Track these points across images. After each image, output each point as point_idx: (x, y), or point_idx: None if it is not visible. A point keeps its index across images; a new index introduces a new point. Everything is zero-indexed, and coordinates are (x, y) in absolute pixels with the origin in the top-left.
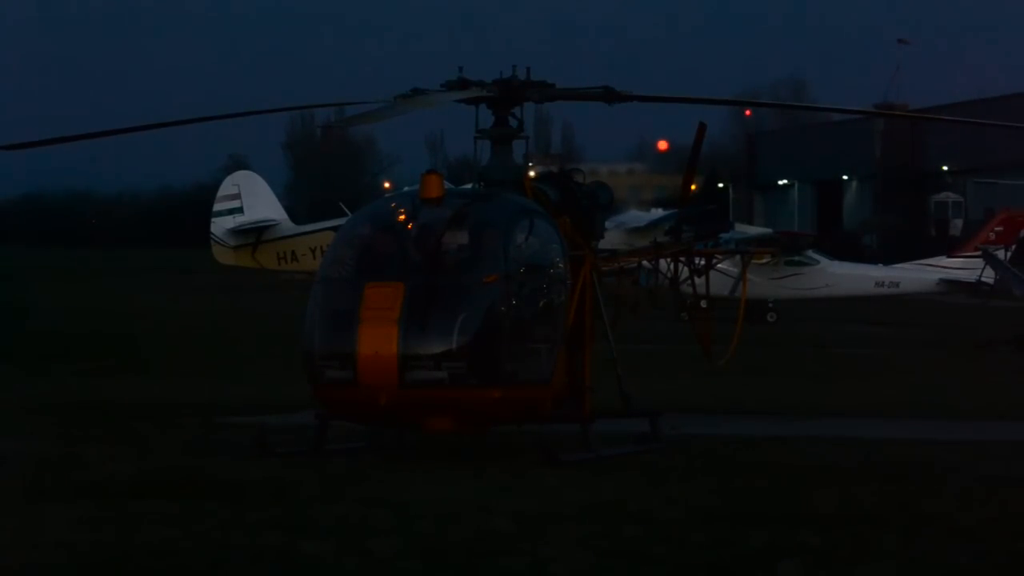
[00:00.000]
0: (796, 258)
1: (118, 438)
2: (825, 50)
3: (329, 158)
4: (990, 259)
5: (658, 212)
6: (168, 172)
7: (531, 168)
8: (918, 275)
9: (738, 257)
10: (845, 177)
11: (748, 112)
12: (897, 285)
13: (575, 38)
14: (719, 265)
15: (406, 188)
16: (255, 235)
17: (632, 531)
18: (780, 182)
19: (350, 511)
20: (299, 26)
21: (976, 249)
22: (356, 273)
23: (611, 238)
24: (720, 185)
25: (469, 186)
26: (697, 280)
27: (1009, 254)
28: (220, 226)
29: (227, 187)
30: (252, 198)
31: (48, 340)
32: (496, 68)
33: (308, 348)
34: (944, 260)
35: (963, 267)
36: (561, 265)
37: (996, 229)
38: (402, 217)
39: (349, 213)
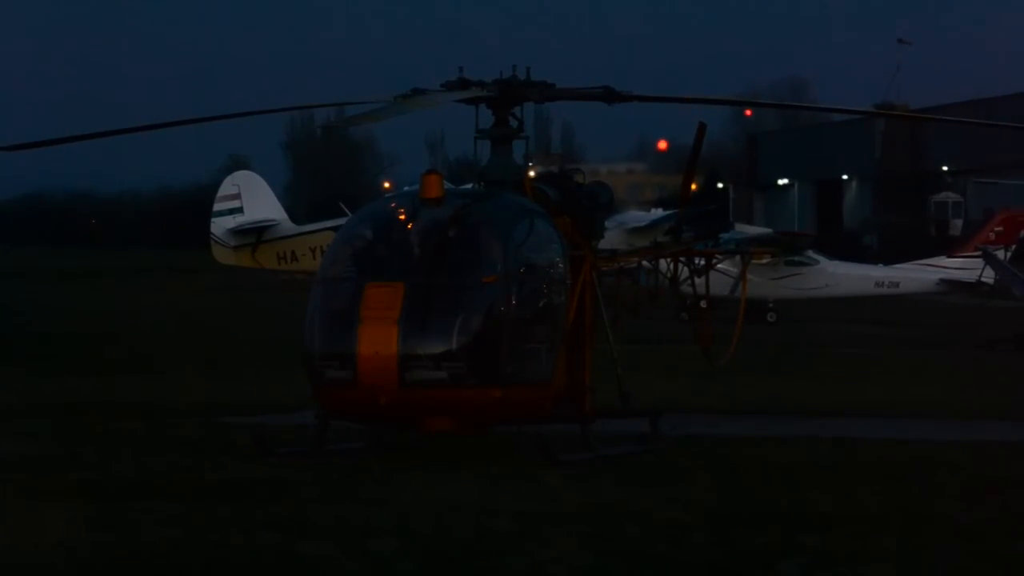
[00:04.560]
0: (796, 258)
1: (118, 438)
2: (825, 50)
3: (329, 158)
4: (990, 259)
5: (658, 212)
6: (168, 172)
7: (531, 168)
8: (918, 275)
9: (738, 257)
10: (845, 177)
11: (748, 112)
12: (897, 285)
13: (575, 38)
14: (719, 265)
15: (406, 188)
16: (255, 235)
17: (632, 531)
18: (780, 182)
19: (350, 511)
20: (299, 26)
21: (976, 249)
22: (356, 273)
23: (611, 238)
24: (720, 185)
25: (469, 186)
26: (697, 280)
27: (1009, 254)
28: (220, 226)
29: (227, 187)
30: (252, 198)
31: (48, 340)
32: (496, 68)
33: (308, 348)
34: (944, 260)
35: (963, 267)
36: (561, 265)
37: (996, 229)
38: (402, 217)
39: (349, 213)
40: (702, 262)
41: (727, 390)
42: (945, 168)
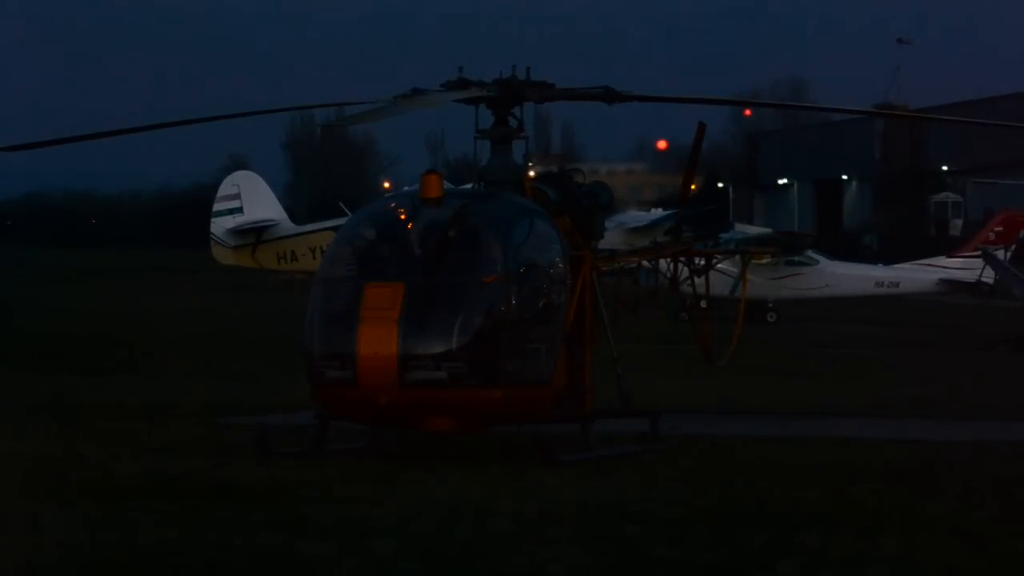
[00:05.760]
0: (796, 258)
1: (118, 438)
2: (825, 50)
3: (329, 158)
4: (990, 259)
5: (658, 212)
6: (168, 172)
7: (531, 168)
8: (918, 275)
9: (738, 257)
10: (845, 177)
11: (748, 112)
12: (897, 285)
13: (575, 38)
14: (719, 265)
15: (406, 188)
16: (255, 235)
17: (632, 531)
18: (780, 182)
19: (350, 511)
20: (299, 26)
21: (976, 249)
22: (356, 273)
23: (611, 238)
24: (720, 185)
25: (469, 186)
26: (697, 280)
27: (1009, 254)
28: (220, 226)
29: (227, 187)
30: (252, 198)
31: (48, 340)
32: (496, 68)
33: (308, 348)
34: (944, 260)
35: (963, 267)
36: (561, 265)
37: (996, 229)
38: (402, 217)
39: (349, 213)
40: (702, 262)
41: (727, 390)
42: (945, 168)
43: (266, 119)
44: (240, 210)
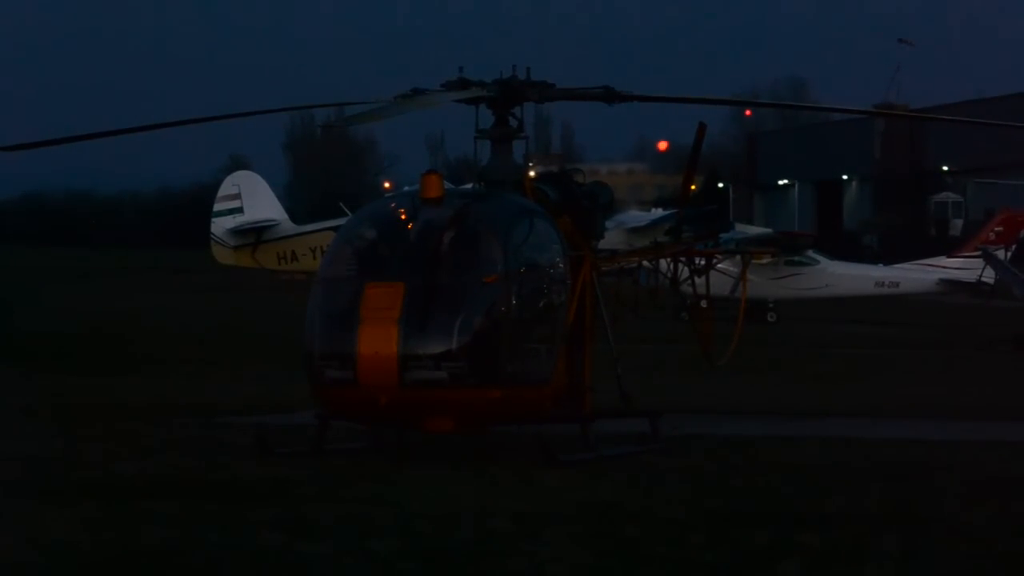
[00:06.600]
0: (796, 258)
1: (118, 438)
2: (825, 50)
3: (329, 158)
4: (990, 259)
5: (658, 212)
6: (168, 172)
7: (531, 168)
8: (918, 275)
9: (738, 257)
10: (845, 177)
11: (748, 112)
12: (897, 285)
13: (575, 38)
14: (719, 265)
15: (406, 188)
16: (255, 235)
17: (632, 531)
18: (780, 182)
19: (350, 511)
20: (299, 26)
21: (976, 249)
22: (356, 273)
23: (611, 238)
24: (720, 185)
25: (469, 186)
26: (697, 280)
27: (1009, 254)
28: (220, 226)
29: (227, 187)
30: (252, 198)
31: (48, 340)
32: (496, 68)
33: (308, 348)
34: (944, 260)
35: (963, 267)
36: (561, 265)
37: (996, 229)
38: (402, 217)
39: (349, 213)
40: (702, 262)
41: (727, 390)
42: (945, 168)
43: (266, 119)
44: (240, 210)
